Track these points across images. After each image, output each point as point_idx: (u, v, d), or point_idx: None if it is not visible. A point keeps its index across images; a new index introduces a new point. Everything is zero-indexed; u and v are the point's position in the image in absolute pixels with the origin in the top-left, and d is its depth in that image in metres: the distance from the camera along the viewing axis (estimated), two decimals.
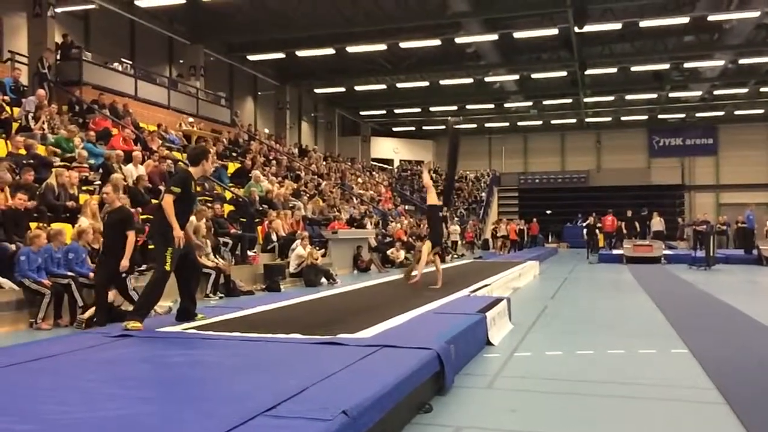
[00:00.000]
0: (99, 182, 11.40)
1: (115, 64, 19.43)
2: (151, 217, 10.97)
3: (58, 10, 17.97)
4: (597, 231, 25.95)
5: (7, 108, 12.66)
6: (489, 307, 6.92)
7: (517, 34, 24.36)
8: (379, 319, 6.09)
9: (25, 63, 16.62)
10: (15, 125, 12.35)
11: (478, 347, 6.05)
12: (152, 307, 6.05)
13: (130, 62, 20.91)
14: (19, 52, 16.81)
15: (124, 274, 7.49)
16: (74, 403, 3.27)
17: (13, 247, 7.89)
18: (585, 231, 26.33)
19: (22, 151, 10.96)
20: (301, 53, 25.92)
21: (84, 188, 11.03)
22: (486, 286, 9.85)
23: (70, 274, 7.99)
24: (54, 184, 9.83)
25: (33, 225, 8.70)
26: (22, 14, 17.55)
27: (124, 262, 7.37)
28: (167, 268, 5.78)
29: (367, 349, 4.62)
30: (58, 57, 17.25)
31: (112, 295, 7.74)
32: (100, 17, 21.27)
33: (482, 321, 6.32)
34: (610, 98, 35.14)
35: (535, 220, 33.78)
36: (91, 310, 7.58)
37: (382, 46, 25.55)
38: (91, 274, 8.10)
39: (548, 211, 38.22)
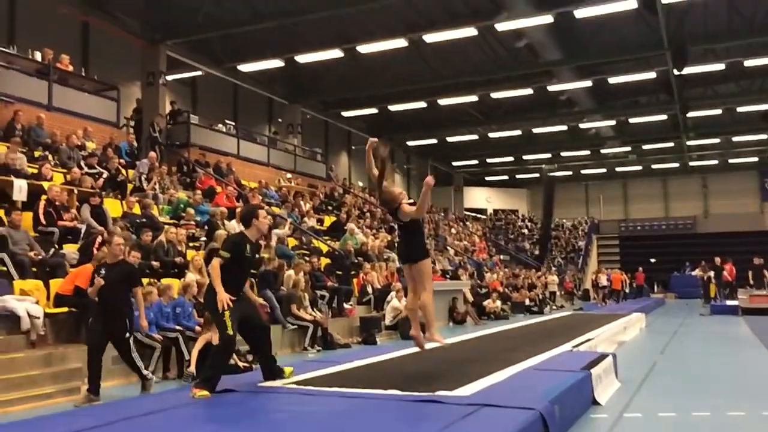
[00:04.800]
0: (204, 238, 11.97)
1: (220, 126, 20.61)
2: (253, 271, 11.39)
3: (169, 78, 19.34)
4: (711, 280, 24.32)
5: (123, 170, 13.59)
6: (594, 363, 6.60)
7: (612, 79, 23.90)
8: (478, 375, 5.93)
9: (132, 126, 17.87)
10: (130, 186, 13.22)
11: (583, 407, 5.76)
12: (221, 373, 5.67)
13: (233, 123, 22.12)
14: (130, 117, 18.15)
15: (128, 335, 6.80)
16: None
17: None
18: (706, 279, 24.58)
19: (137, 210, 11.69)
20: (393, 107, 26.54)
21: (191, 244, 11.57)
22: (589, 340, 9.42)
23: (178, 328, 8.35)
24: (164, 241, 10.38)
25: (145, 281, 9.18)
26: (136, 83, 19.02)
27: (143, 322, 7.06)
28: (229, 332, 5.54)
29: (467, 408, 4.49)
30: (169, 121, 18.49)
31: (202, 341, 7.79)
32: (206, 83, 22.75)
33: (587, 379, 6.03)
34: (716, 140, 33.53)
35: (640, 269, 32.30)
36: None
37: (473, 97, 25.73)
38: (198, 328, 8.41)
39: (652, 260, 36.47)
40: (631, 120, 29.94)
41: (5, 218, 8.82)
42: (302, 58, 20.61)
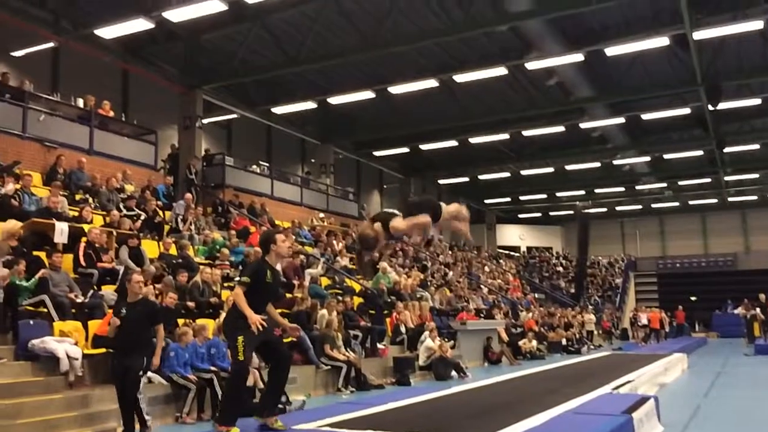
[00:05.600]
0: (239, 278, 12.05)
1: (254, 167, 20.96)
2: (287, 311, 11.43)
3: (205, 121, 19.81)
4: (755, 318, 23.56)
5: (160, 212, 13.86)
6: (635, 406, 6.41)
7: (646, 116, 23.72)
8: (515, 419, 5.81)
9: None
10: (166, 227, 13.46)
11: None
12: (238, 405, 5.53)
13: (267, 164, 22.48)
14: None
15: (142, 373, 6.54)
16: None
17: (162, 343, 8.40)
18: (749, 317, 23.79)
19: (173, 251, 11.86)
20: (424, 146, 26.70)
21: (225, 285, 11.68)
22: (630, 382, 9.17)
23: (213, 368, 8.37)
24: (199, 282, 10.50)
25: (180, 321, 9.26)
26: (173, 127, 19.52)
27: (156, 360, 6.71)
28: (240, 357, 5.45)
29: None
30: (204, 163, 18.88)
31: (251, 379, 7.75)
32: (241, 125, 23.25)
33: (629, 423, 5.85)
34: (755, 175, 32.84)
35: (681, 307, 31.47)
36: None
37: (505, 135, 25.76)
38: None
39: (693, 298, 35.52)
40: (666, 156, 29.57)
41: (47, 260, 9.02)
42: (334, 100, 20.95)
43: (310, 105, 21.36)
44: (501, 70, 18.92)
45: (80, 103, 14.97)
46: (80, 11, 16.53)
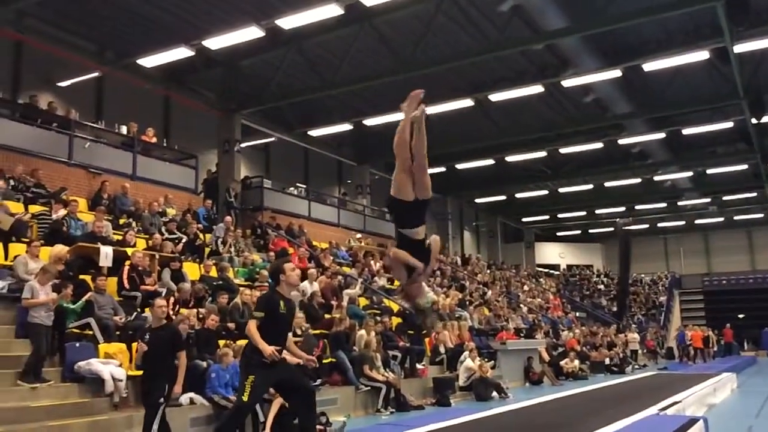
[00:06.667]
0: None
1: (291, 189, 21.20)
2: (325, 332, 11.48)
3: (243, 145, 20.16)
4: None
5: (201, 235, 14.10)
6: (684, 428, 6.24)
7: (687, 130, 23.28)
8: None
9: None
10: (207, 250, 13.67)
11: None
12: None
13: (304, 186, 22.71)
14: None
15: (162, 401, 6.41)
16: None
17: (204, 364, 8.50)
18: None
19: (213, 274, 12.03)
20: (460, 165, 26.64)
21: None
22: (677, 402, 8.92)
23: None
24: (239, 303, 10.61)
25: (221, 343, 9.36)
26: (213, 151, 19.91)
27: (177, 388, 6.63)
28: (244, 398, 5.27)
29: None
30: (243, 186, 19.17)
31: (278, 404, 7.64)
32: (278, 148, 23.61)
33: None
34: None
35: (728, 325, 30.53)
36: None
37: (542, 153, 25.56)
38: (272, 390, 8.44)
39: (741, 315, 34.44)
40: (709, 171, 28.87)
41: (92, 283, 9.24)
42: (370, 121, 21.11)
43: (345, 127, 21.60)
44: (537, 88, 18.86)
45: (123, 130, 15.41)
46: (123, 41, 17.07)
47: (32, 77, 16.33)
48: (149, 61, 16.49)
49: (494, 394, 13.15)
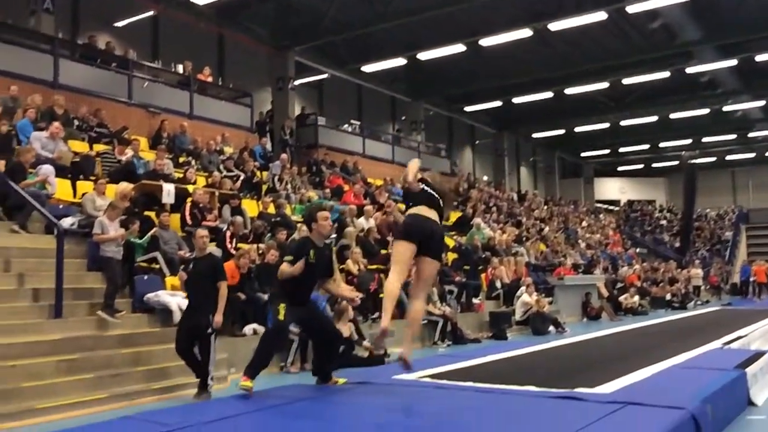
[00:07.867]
0: (335, 235, 12.28)
1: (345, 126, 21.13)
2: (380, 266, 11.58)
3: (297, 82, 20.09)
4: None
5: (258, 173, 14.27)
6: (749, 362, 6.09)
7: (760, 57, 21.93)
8: (619, 373, 5.66)
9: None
10: (264, 187, 13.87)
11: (738, 409, 5.33)
12: (266, 360, 5.44)
13: (358, 122, 22.60)
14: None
15: (210, 331, 6.48)
16: None
17: (265, 297, 8.73)
18: None
19: (271, 210, 12.23)
20: (517, 99, 25.94)
21: None
22: (741, 337, 8.72)
23: None
24: (297, 239, 10.76)
25: None
26: (267, 89, 19.93)
27: (218, 317, 6.53)
28: (281, 317, 5.34)
29: (610, 405, 4.29)
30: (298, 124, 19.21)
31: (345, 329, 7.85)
32: (332, 85, 23.44)
33: (742, 378, 5.57)
34: None
35: None
36: None
37: (603, 84, 24.58)
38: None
39: None
40: None
41: (156, 219, 9.52)
42: (424, 55, 20.63)
43: (399, 62, 21.19)
44: (600, 15, 17.95)
45: (180, 69, 15.52)
46: None
47: (90, 17, 16.52)
48: None
49: (551, 328, 13.15)
